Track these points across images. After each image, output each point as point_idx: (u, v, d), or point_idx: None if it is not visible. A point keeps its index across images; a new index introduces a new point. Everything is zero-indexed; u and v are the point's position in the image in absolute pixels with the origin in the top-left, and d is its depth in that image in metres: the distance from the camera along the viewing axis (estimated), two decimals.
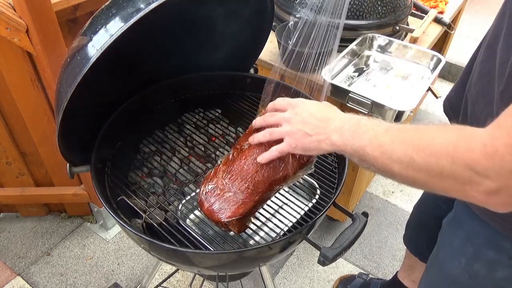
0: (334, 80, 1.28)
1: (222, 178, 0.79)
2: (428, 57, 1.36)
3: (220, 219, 0.77)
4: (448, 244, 0.87)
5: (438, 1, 1.79)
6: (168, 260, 0.84)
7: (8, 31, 1.09)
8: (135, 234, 0.76)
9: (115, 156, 0.98)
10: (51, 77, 1.21)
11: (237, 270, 1.00)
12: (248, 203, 0.77)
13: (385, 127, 0.59)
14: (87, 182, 1.56)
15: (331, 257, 0.72)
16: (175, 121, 1.14)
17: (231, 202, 0.77)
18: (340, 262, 1.70)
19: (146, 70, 1.02)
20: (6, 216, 1.82)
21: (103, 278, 1.60)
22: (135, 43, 0.77)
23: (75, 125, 0.80)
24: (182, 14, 0.94)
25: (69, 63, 0.72)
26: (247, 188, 0.77)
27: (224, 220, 0.77)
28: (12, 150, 1.50)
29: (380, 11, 1.37)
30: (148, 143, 1.06)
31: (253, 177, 0.77)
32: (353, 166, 1.52)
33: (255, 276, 1.60)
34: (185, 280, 1.60)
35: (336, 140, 0.64)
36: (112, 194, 0.90)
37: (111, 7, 0.71)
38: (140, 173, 1.01)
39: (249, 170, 0.77)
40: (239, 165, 0.78)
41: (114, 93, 0.98)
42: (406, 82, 1.34)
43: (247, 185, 0.77)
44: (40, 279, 1.59)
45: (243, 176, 0.78)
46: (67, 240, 1.73)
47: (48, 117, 1.38)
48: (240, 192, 0.77)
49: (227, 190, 0.78)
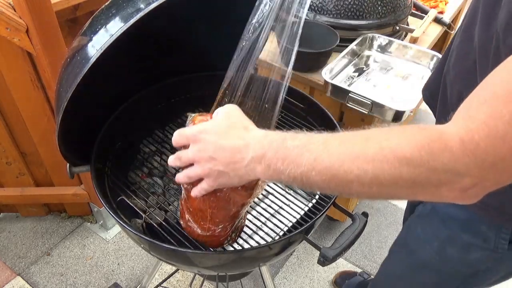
0: (334, 80, 1.28)
1: (186, 219, 0.76)
2: (428, 57, 1.36)
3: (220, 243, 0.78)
4: (420, 229, 0.87)
5: (438, 1, 1.79)
6: (168, 260, 0.84)
7: (8, 31, 1.09)
8: (135, 234, 0.76)
9: (115, 156, 0.98)
10: (51, 77, 1.21)
11: (237, 270, 1.00)
12: (220, 234, 0.75)
13: (320, 142, 0.51)
14: (87, 182, 1.56)
15: (331, 257, 0.72)
16: (175, 121, 1.14)
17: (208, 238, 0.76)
18: (340, 262, 1.70)
19: (146, 70, 1.02)
20: (6, 216, 1.82)
21: (103, 278, 1.60)
22: (135, 43, 0.77)
23: (75, 125, 0.80)
24: (182, 14, 0.94)
25: (69, 63, 0.72)
26: (209, 227, 0.73)
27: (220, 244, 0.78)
28: (12, 150, 1.50)
29: (380, 11, 1.37)
30: (148, 143, 1.06)
31: (210, 213, 0.70)
32: None
33: (255, 276, 1.60)
34: (185, 280, 1.60)
35: (262, 172, 0.54)
36: (112, 194, 0.90)
37: (111, 7, 0.71)
38: (140, 173, 1.01)
39: (202, 207, 0.70)
40: (192, 205, 0.72)
41: (114, 93, 0.98)
42: (406, 82, 1.34)
43: (208, 224, 0.72)
44: (40, 279, 1.59)
45: (200, 215, 0.72)
46: (67, 240, 1.73)
47: (48, 117, 1.37)
48: (206, 230, 0.74)
49: (196, 227, 0.75)
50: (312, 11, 1.38)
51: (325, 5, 1.36)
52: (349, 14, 1.36)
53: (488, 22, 0.57)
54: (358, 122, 1.36)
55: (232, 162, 0.56)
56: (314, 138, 0.52)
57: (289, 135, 0.54)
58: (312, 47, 1.31)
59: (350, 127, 0.84)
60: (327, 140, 0.51)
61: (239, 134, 0.57)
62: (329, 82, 1.22)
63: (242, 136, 0.57)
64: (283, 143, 0.53)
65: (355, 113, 1.25)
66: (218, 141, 0.57)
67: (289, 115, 1.09)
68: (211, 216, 0.70)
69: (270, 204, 0.90)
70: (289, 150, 0.52)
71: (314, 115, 1.06)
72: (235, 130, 0.58)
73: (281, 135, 0.54)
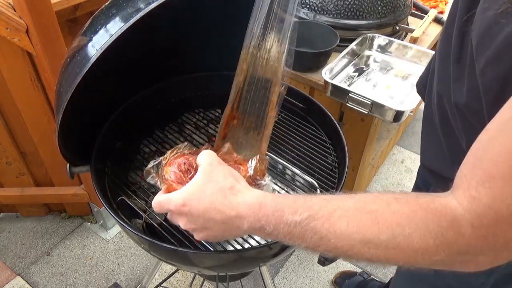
0: (334, 80, 1.28)
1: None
2: (428, 57, 1.36)
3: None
4: (408, 273, 0.86)
5: (438, 1, 1.79)
6: (168, 260, 0.84)
7: (8, 31, 1.09)
8: (135, 234, 0.76)
9: (115, 156, 0.98)
10: (51, 77, 1.21)
11: (237, 270, 1.00)
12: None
13: (324, 218, 0.47)
14: (87, 182, 1.56)
15: (331, 257, 0.72)
16: (175, 121, 1.14)
17: None
18: (340, 262, 1.70)
19: (146, 70, 1.02)
20: (6, 216, 1.82)
21: (103, 278, 1.60)
22: (135, 43, 0.77)
23: (75, 125, 0.80)
24: (182, 14, 0.94)
25: (69, 63, 0.72)
26: None
27: None
28: (12, 150, 1.50)
29: (380, 11, 1.37)
30: (148, 143, 1.06)
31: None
32: (353, 166, 1.52)
33: (255, 276, 1.60)
34: (185, 280, 1.60)
35: (264, 237, 0.53)
36: (112, 194, 0.90)
37: (111, 7, 0.71)
38: (140, 173, 1.01)
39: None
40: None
41: (114, 93, 0.98)
42: (406, 82, 1.34)
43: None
44: (40, 279, 1.59)
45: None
46: (67, 240, 1.73)
47: (48, 117, 1.38)
48: None
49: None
50: (312, 11, 1.38)
51: (325, 5, 1.36)
52: (349, 14, 1.36)
53: (463, 30, 0.55)
54: (358, 122, 1.36)
55: (228, 231, 0.54)
56: (316, 212, 0.47)
57: (286, 204, 0.49)
58: (312, 47, 1.31)
59: (350, 127, 0.83)
60: (331, 217, 0.47)
61: (227, 202, 0.52)
62: (329, 82, 1.22)
63: (231, 204, 0.52)
64: (282, 218, 0.48)
65: (355, 113, 1.25)
66: (206, 214, 0.52)
67: (289, 115, 1.09)
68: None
69: None
70: (290, 227, 0.48)
71: (314, 115, 1.06)
72: (221, 196, 0.53)
73: (276, 205, 0.50)
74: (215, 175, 0.55)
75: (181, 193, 0.55)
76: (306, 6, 1.40)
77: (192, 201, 0.53)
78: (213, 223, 0.53)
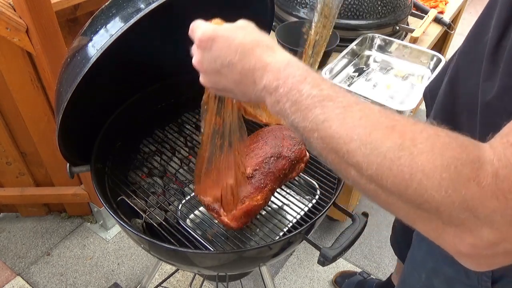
0: (334, 80, 1.28)
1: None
2: (428, 57, 1.36)
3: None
4: (411, 257, 0.85)
5: (438, 1, 1.79)
6: (168, 260, 0.84)
7: (8, 31, 1.09)
8: (135, 234, 0.76)
9: (115, 156, 0.98)
10: (51, 77, 1.21)
11: (237, 270, 1.00)
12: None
13: (342, 104, 0.41)
14: (87, 182, 1.56)
15: (331, 257, 0.72)
16: (175, 121, 1.14)
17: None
18: (340, 262, 1.70)
19: (146, 70, 1.02)
20: (6, 216, 1.82)
21: (103, 278, 1.60)
22: (135, 43, 0.77)
23: (75, 125, 0.80)
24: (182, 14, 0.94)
25: (69, 63, 0.72)
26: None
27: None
28: (12, 150, 1.50)
29: (380, 11, 1.37)
30: (148, 143, 1.07)
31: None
32: None
33: (255, 276, 1.60)
34: (185, 280, 1.60)
35: (270, 105, 0.47)
36: (112, 194, 0.90)
37: (111, 7, 0.71)
38: (140, 173, 1.01)
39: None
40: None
41: (114, 93, 0.98)
42: (406, 82, 1.34)
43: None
44: (40, 279, 1.59)
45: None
46: (67, 240, 1.73)
47: (48, 117, 1.38)
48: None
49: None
50: (312, 11, 1.38)
51: None
52: (349, 14, 1.36)
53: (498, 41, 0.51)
54: None
55: (242, 84, 0.49)
56: (337, 96, 0.42)
57: (312, 76, 0.44)
58: None
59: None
60: (349, 106, 0.41)
61: (256, 52, 0.47)
62: None
63: (258, 55, 0.47)
64: (300, 85, 0.43)
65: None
66: (228, 57, 0.48)
67: None
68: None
69: (270, 204, 0.90)
70: (302, 96, 0.43)
71: None
72: (251, 44, 0.48)
73: (303, 71, 0.45)
74: (250, 28, 0.51)
75: (214, 26, 0.51)
76: (306, 6, 1.40)
77: (220, 37, 0.49)
78: (230, 70, 0.48)
